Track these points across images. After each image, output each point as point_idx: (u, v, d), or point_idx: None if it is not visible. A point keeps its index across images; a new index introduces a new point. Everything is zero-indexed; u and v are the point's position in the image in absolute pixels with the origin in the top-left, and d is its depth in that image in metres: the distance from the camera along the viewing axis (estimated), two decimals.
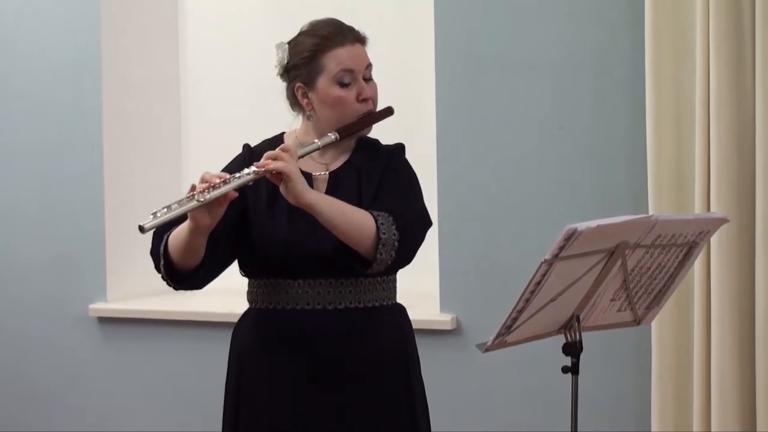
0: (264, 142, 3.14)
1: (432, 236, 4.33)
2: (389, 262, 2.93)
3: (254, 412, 3.04)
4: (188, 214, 2.83)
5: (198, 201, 2.79)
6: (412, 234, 2.98)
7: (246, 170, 2.87)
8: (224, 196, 2.82)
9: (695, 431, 3.91)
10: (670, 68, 3.93)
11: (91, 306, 4.84)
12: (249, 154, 3.10)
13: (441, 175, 4.30)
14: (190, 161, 5.09)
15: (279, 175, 2.84)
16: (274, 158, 2.85)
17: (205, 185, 2.82)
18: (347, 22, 3.11)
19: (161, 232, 2.98)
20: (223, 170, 3.08)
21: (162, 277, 3.00)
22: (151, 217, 2.79)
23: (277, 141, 3.11)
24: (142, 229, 2.78)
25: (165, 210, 2.79)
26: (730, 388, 3.85)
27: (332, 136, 2.99)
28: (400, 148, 3.15)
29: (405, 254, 2.97)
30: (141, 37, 4.98)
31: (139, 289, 4.86)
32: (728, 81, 3.81)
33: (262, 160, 2.87)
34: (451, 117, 4.28)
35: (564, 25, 4.16)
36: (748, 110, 3.84)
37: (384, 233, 2.90)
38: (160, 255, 2.96)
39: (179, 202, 2.80)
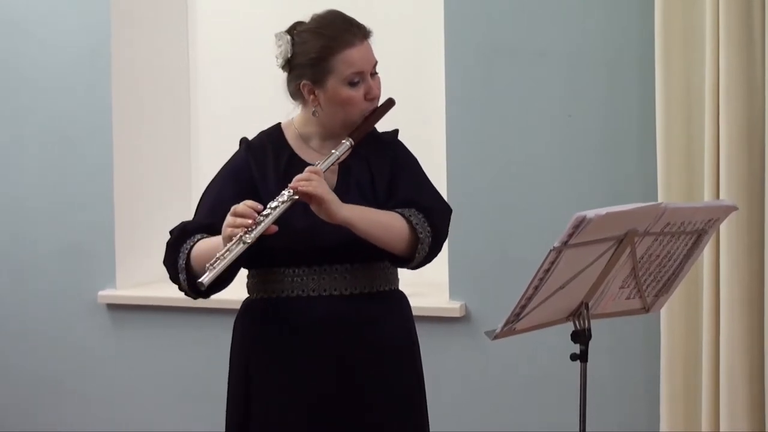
0: (261, 133, 3.14)
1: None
2: (423, 258, 3.00)
3: (268, 402, 3.04)
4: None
5: (245, 243, 2.79)
6: (442, 226, 3.06)
7: (279, 198, 2.85)
8: (266, 231, 2.83)
9: (704, 418, 3.92)
10: (679, 58, 3.92)
11: (100, 293, 4.85)
12: (249, 151, 3.08)
13: (450, 163, 4.30)
14: (200, 152, 5.09)
15: (309, 196, 2.85)
16: (306, 180, 2.86)
17: (247, 222, 2.80)
18: (357, 14, 3.08)
19: (177, 244, 2.98)
20: (224, 168, 3.10)
21: (181, 287, 2.99)
22: (207, 271, 2.79)
23: (274, 132, 3.12)
24: (202, 285, 2.80)
25: (218, 261, 2.79)
26: (740, 375, 3.85)
27: (347, 143, 2.98)
28: (396, 135, 3.15)
29: (436, 247, 3.03)
30: (151, 29, 4.98)
31: (147, 277, 4.87)
32: (738, 71, 3.81)
33: (293, 183, 2.86)
34: (460, 107, 4.28)
35: (574, 16, 4.15)
36: (758, 99, 3.84)
37: (421, 233, 2.96)
38: (180, 268, 2.95)
39: (229, 249, 2.79)
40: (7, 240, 5.01)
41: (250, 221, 2.81)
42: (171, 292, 4.67)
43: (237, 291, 3.17)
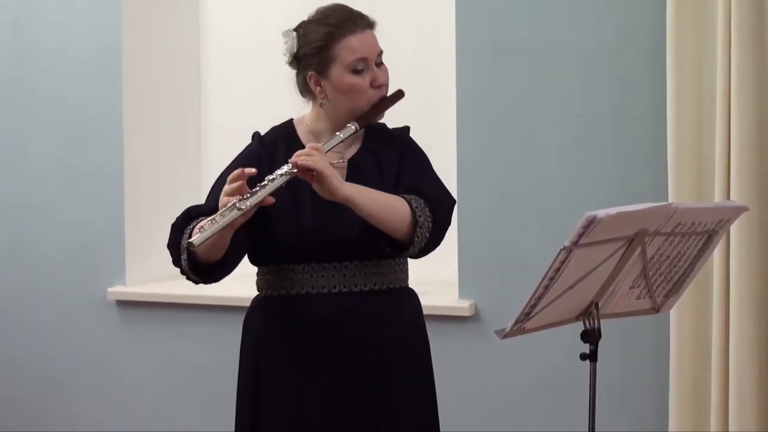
0: (273, 129, 3.14)
1: (451, 222, 4.35)
2: (423, 245, 2.95)
3: (278, 400, 3.04)
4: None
5: (239, 209, 2.79)
6: (444, 214, 3.02)
7: (278, 171, 2.86)
8: (262, 201, 2.82)
9: (713, 419, 3.91)
10: (691, 57, 3.92)
11: (110, 289, 4.86)
12: (261, 145, 3.09)
13: (461, 161, 4.29)
14: (210, 150, 5.09)
15: (310, 172, 2.84)
16: (306, 155, 2.85)
17: (239, 187, 2.81)
18: (368, 8, 3.10)
19: (181, 226, 2.98)
20: (236, 160, 3.09)
21: (182, 271, 2.98)
22: (198, 232, 2.79)
23: (286, 128, 3.13)
24: (192, 245, 2.78)
25: (210, 223, 2.79)
26: (749, 376, 3.84)
27: (353, 127, 2.99)
28: (407, 131, 3.16)
29: (438, 235, 2.99)
30: (162, 28, 4.98)
31: (157, 273, 4.88)
32: (750, 70, 3.80)
33: (293, 158, 2.86)
34: (471, 103, 4.28)
35: (585, 12, 4.15)
36: None
37: (420, 216, 2.93)
38: (183, 249, 2.94)
39: (221, 214, 2.79)
40: (17, 237, 5.02)
41: (242, 186, 2.80)
42: (181, 289, 4.71)
43: (247, 287, 3.17)
